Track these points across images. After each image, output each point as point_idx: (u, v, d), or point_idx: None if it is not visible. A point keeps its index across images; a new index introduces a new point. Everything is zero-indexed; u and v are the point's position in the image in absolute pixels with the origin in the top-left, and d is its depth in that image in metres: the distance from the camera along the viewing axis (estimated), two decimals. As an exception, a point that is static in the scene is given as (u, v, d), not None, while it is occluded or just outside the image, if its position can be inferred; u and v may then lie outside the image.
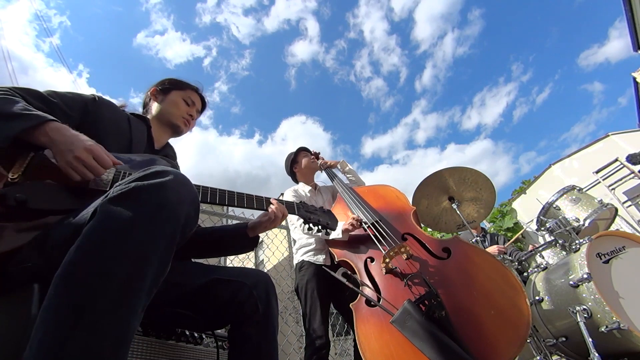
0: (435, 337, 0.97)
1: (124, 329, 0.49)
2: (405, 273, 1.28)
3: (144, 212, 0.55)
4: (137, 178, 0.59)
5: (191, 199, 0.63)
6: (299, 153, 2.26)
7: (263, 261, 10.07)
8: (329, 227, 1.13)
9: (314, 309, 1.63)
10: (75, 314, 0.47)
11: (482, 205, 2.12)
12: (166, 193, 0.58)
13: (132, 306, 0.51)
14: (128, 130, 1.04)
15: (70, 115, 0.92)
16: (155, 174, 0.60)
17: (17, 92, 0.82)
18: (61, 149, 0.72)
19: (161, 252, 0.56)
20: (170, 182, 0.59)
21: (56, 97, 0.91)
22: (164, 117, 1.20)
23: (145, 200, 0.56)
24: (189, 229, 0.63)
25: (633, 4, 6.61)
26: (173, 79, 1.25)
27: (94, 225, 0.55)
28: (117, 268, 0.51)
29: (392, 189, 1.85)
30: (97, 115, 0.99)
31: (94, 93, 1.05)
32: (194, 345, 0.99)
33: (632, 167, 4.36)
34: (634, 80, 9.79)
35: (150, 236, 0.55)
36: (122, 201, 0.55)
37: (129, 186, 0.57)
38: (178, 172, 0.64)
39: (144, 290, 0.53)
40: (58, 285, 0.50)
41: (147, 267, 0.53)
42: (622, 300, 1.44)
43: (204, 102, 1.31)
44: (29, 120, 0.72)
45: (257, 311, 0.89)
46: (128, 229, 0.53)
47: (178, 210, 0.59)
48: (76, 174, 0.72)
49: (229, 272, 0.96)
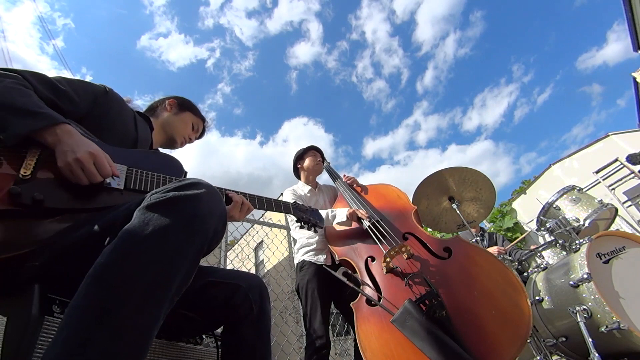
0: (435, 337, 0.97)
1: (145, 335, 0.50)
2: (406, 272, 1.28)
3: (178, 222, 0.56)
4: (174, 188, 0.61)
5: (220, 213, 0.65)
6: (308, 151, 2.21)
7: (263, 261, 10.09)
8: (317, 225, 1.26)
9: (315, 309, 1.63)
10: (102, 314, 0.47)
11: (482, 205, 2.12)
12: (200, 205, 0.60)
13: (155, 312, 0.51)
14: (134, 128, 1.04)
15: (78, 104, 0.89)
16: (190, 186, 0.62)
17: (26, 78, 0.79)
18: (65, 149, 0.70)
19: (189, 261, 0.57)
20: (204, 195, 0.61)
21: (66, 84, 0.89)
22: (170, 129, 1.24)
23: (180, 211, 0.58)
24: (215, 243, 0.65)
25: (633, 4, 6.61)
26: (192, 103, 1.33)
27: (131, 229, 0.55)
28: (147, 274, 0.52)
29: (393, 189, 1.85)
30: (105, 107, 0.97)
31: (104, 85, 1.02)
32: (194, 345, 0.99)
33: (632, 167, 4.36)
34: (634, 80, 9.79)
35: (181, 246, 0.56)
36: (159, 209, 0.57)
37: (167, 195, 0.59)
38: (210, 185, 0.65)
39: (169, 297, 0.53)
40: (90, 285, 0.50)
41: (175, 275, 0.54)
42: (622, 300, 1.43)
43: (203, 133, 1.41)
44: (42, 120, 0.70)
45: (252, 313, 0.90)
46: (162, 236, 0.54)
47: (209, 222, 0.61)
48: (72, 176, 0.70)
49: (225, 274, 0.97)
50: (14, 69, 0.79)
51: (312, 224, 1.25)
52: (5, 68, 0.78)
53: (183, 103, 1.29)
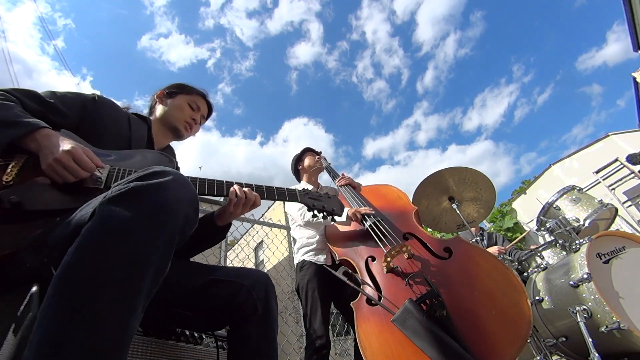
0: (436, 337, 0.97)
1: (123, 329, 0.49)
2: (406, 272, 1.28)
3: (143, 213, 0.55)
4: (136, 178, 0.59)
5: (190, 199, 0.62)
6: (305, 152, 2.28)
7: (263, 261, 10.09)
8: (334, 213, 1.11)
9: (315, 309, 1.63)
10: (74, 314, 0.47)
11: (482, 205, 2.12)
12: (165, 193, 0.58)
13: (131, 306, 0.50)
14: (127, 130, 1.04)
15: (67, 115, 0.92)
16: (154, 174, 0.60)
17: (13, 95, 0.82)
18: (45, 152, 0.73)
19: (160, 252, 0.55)
20: (169, 182, 0.59)
21: (54, 97, 0.91)
22: (167, 120, 1.20)
23: (144, 201, 0.56)
24: (189, 229, 0.63)
25: (633, 4, 6.61)
26: (180, 84, 1.26)
27: (92, 225, 0.54)
28: (116, 268, 0.51)
29: (394, 189, 1.85)
30: (96, 114, 0.98)
31: (94, 92, 1.05)
32: (194, 345, 0.99)
33: (632, 167, 4.36)
34: (634, 80, 9.79)
35: (150, 237, 0.54)
36: (121, 201, 0.55)
37: (128, 186, 0.57)
38: (177, 172, 0.63)
39: (144, 290, 0.52)
40: (57, 285, 0.50)
41: (146, 268, 0.53)
42: (622, 300, 1.44)
43: (210, 107, 1.31)
44: (21, 128, 0.73)
45: (256, 312, 0.89)
46: (127, 229, 0.53)
47: (177, 210, 0.58)
48: (57, 177, 0.72)
49: (228, 272, 0.95)
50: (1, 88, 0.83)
51: (328, 212, 1.10)
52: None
53: (172, 89, 1.24)
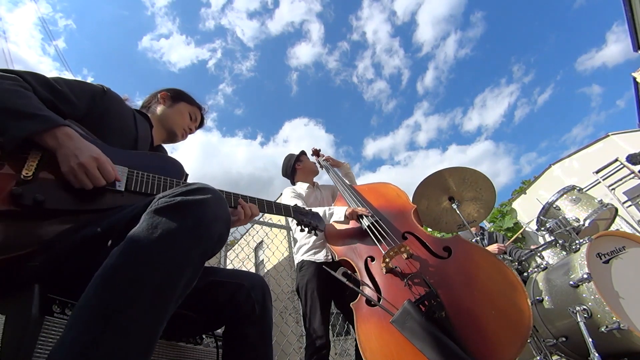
0: (435, 338, 0.97)
1: (151, 336, 0.51)
2: (405, 273, 1.27)
3: (185, 226, 0.58)
4: (181, 192, 0.62)
5: (226, 219, 0.66)
6: (303, 154, 2.33)
7: (263, 261, 10.09)
8: (317, 228, 1.29)
9: (314, 309, 1.63)
10: (109, 316, 0.48)
11: (482, 205, 2.12)
12: (206, 211, 0.61)
13: (161, 314, 0.52)
14: (134, 127, 1.03)
15: (76, 104, 0.89)
16: (197, 191, 0.63)
17: (26, 79, 0.78)
18: (67, 153, 0.70)
19: (194, 264, 0.58)
20: (210, 200, 0.63)
21: (64, 84, 0.88)
22: (167, 122, 1.21)
23: (187, 215, 0.59)
24: (219, 247, 0.66)
25: (633, 4, 6.61)
26: (184, 92, 1.30)
27: (139, 232, 0.56)
28: (155, 276, 0.52)
29: (393, 187, 1.85)
30: (104, 108, 0.96)
31: (102, 84, 1.01)
32: (194, 345, 0.99)
33: (632, 167, 4.35)
34: (634, 80, 9.79)
35: (188, 249, 0.57)
36: (167, 213, 0.58)
37: (175, 200, 0.60)
38: (216, 191, 0.67)
39: (174, 299, 0.54)
40: (98, 285, 0.51)
41: (180, 278, 0.55)
42: (622, 300, 1.43)
43: (202, 121, 1.38)
44: (41, 123, 0.69)
45: (254, 312, 0.90)
46: (170, 240, 0.56)
47: (214, 227, 0.62)
48: (76, 181, 0.70)
49: (227, 274, 0.97)
50: (13, 70, 0.78)
51: (312, 227, 1.27)
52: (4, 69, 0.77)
53: (176, 94, 1.26)
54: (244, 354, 0.87)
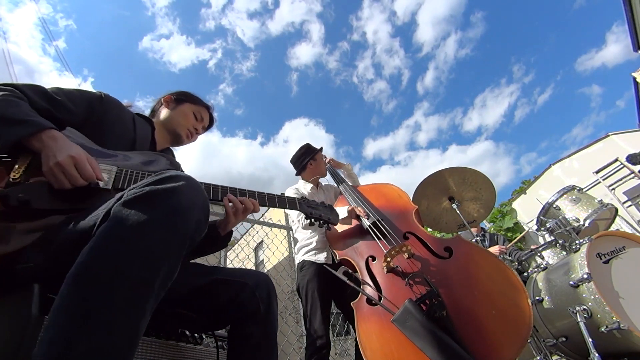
0: (435, 337, 0.97)
1: (132, 330, 0.50)
2: (406, 272, 1.28)
3: (157, 216, 0.56)
4: (150, 182, 0.60)
5: (202, 205, 0.63)
6: (319, 153, 2.22)
7: (263, 261, 10.08)
8: (330, 221, 1.17)
9: (315, 309, 1.63)
10: (86, 313, 0.47)
11: (482, 205, 2.12)
12: (179, 198, 0.59)
13: (141, 308, 0.51)
14: (132, 130, 1.04)
15: (74, 112, 0.91)
16: (168, 179, 0.61)
17: (21, 90, 0.81)
18: (48, 154, 0.71)
19: (171, 256, 0.56)
20: (182, 187, 0.60)
21: (61, 94, 0.90)
22: (170, 125, 1.21)
23: (158, 205, 0.57)
24: (198, 235, 0.64)
25: (633, 4, 6.61)
26: (188, 92, 1.29)
27: (108, 227, 0.55)
28: (129, 270, 0.51)
29: (394, 188, 1.85)
30: (102, 113, 0.98)
31: (101, 91, 1.04)
32: (194, 345, 0.99)
33: (632, 167, 4.36)
34: (634, 80, 9.79)
35: (162, 240, 0.55)
36: (136, 205, 0.56)
37: (143, 190, 0.58)
38: (190, 177, 0.64)
39: (153, 292, 0.53)
40: (71, 284, 0.51)
41: (157, 270, 0.54)
42: (622, 300, 1.43)
43: (212, 120, 1.35)
44: (28, 127, 0.72)
45: (259, 311, 0.90)
46: (141, 232, 0.54)
47: (189, 215, 0.60)
48: (55, 181, 0.70)
49: (231, 272, 0.96)
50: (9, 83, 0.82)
51: (324, 220, 1.16)
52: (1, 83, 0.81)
53: (179, 95, 1.26)
54: (249, 354, 0.86)
